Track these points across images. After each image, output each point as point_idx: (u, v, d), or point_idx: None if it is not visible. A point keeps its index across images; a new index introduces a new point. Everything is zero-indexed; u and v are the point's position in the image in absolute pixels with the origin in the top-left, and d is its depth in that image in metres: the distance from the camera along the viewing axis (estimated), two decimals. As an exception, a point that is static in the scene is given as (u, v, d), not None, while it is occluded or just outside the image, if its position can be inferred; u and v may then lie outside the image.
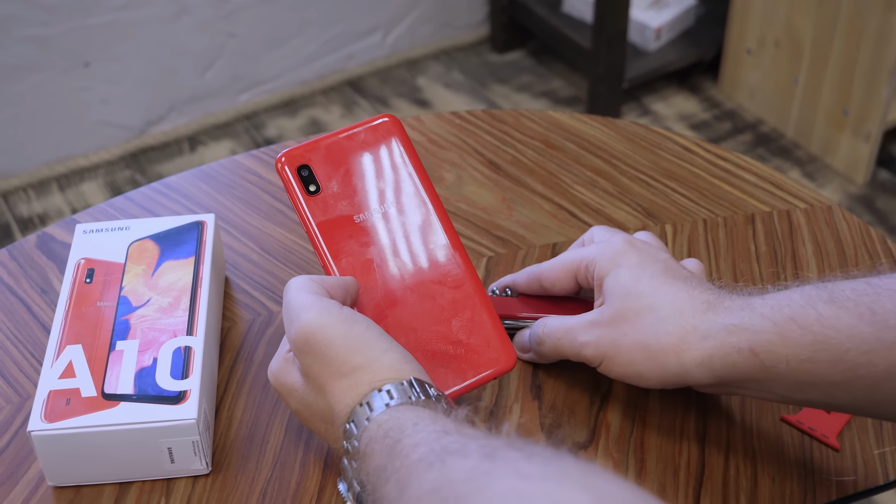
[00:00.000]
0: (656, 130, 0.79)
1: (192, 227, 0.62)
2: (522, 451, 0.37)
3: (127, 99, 1.77)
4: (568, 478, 0.35)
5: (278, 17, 1.84)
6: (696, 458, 0.54)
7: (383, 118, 0.56)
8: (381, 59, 1.99)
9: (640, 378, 0.52)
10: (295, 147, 0.55)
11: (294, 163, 0.54)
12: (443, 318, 0.54)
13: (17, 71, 1.64)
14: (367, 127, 0.56)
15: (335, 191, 0.55)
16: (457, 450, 0.39)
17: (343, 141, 0.55)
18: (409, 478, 0.39)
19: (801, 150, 1.78)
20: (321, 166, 0.55)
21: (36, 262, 0.67)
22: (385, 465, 0.41)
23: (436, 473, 0.38)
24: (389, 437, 0.42)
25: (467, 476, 0.37)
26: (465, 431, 0.41)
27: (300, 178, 0.54)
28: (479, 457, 0.38)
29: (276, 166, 0.54)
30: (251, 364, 0.60)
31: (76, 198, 1.71)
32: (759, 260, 0.66)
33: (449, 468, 0.38)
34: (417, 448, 0.40)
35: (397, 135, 0.56)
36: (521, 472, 0.36)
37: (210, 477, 0.53)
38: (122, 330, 0.56)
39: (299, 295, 0.49)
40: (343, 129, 0.56)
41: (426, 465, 0.39)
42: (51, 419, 0.51)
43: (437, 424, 0.42)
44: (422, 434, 0.41)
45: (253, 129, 1.85)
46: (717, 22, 1.90)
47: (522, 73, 1.99)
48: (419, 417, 0.43)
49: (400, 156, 0.56)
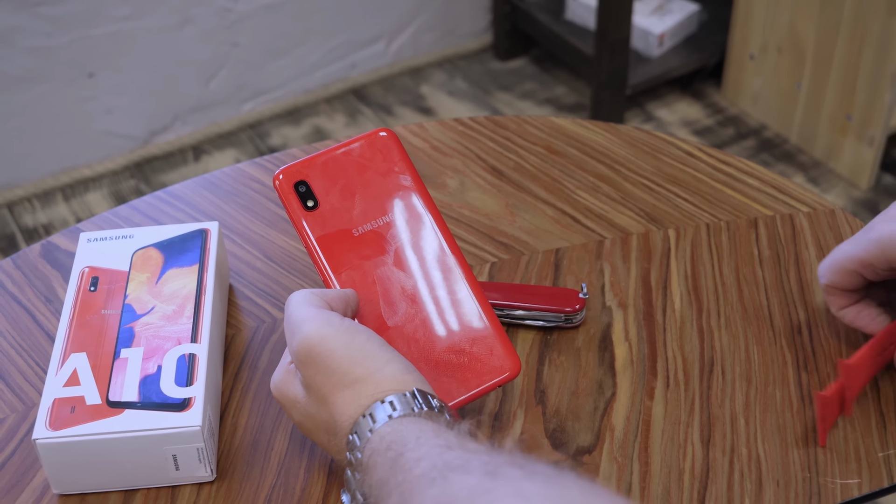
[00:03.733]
0: (659, 135, 0.79)
1: (195, 234, 0.62)
2: (524, 470, 0.38)
3: (131, 109, 1.77)
4: (568, 499, 0.36)
5: (281, 27, 1.84)
6: (701, 462, 0.54)
7: (380, 132, 0.57)
8: (385, 67, 1.99)
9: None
10: (292, 164, 0.55)
11: (291, 179, 0.55)
12: (445, 328, 0.54)
13: (22, 82, 1.65)
14: (363, 141, 0.56)
15: (333, 205, 0.55)
16: (459, 466, 0.39)
17: (340, 156, 0.56)
18: (412, 493, 0.39)
19: (805, 155, 1.78)
20: (319, 182, 0.55)
21: (40, 271, 0.67)
22: (387, 479, 0.41)
23: (438, 490, 0.38)
24: (392, 450, 0.42)
25: (469, 494, 0.37)
26: (467, 446, 0.41)
27: (298, 193, 0.55)
28: (482, 474, 0.38)
29: (274, 183, 0.55)
30: (255, 371, 0.60)
31: (81, 208, 1.71)
32: (763, 264, 0.66)
33: (451, 485, 0.38)
34: (420, 462, 0.40)
35: (394, 148, 0.56)
36: (522, 492, 0.36)
37: (215, 484, 0.54)
38: (127, 338, 0.56)
39: (300, 308, 0.49)
40: (340, 145, 0.56)
41: (428, 481, 0.39)
42: (56, 427, 0.51)
43: (439, 438, 0.42)
44: (424, 448, 0.41)
45: (257, 137, 1.86)
46: (720, 28, 1.90)
47: (526, 81, 1.99)
48: (422, 430, 0.43)
49: (397, 169, 0.56)
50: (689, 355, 0.60)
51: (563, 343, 0.61)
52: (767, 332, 0.62)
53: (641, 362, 0.60)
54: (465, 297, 0.54)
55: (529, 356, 0.60)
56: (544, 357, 0.60)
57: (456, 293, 0.55)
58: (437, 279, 0.55)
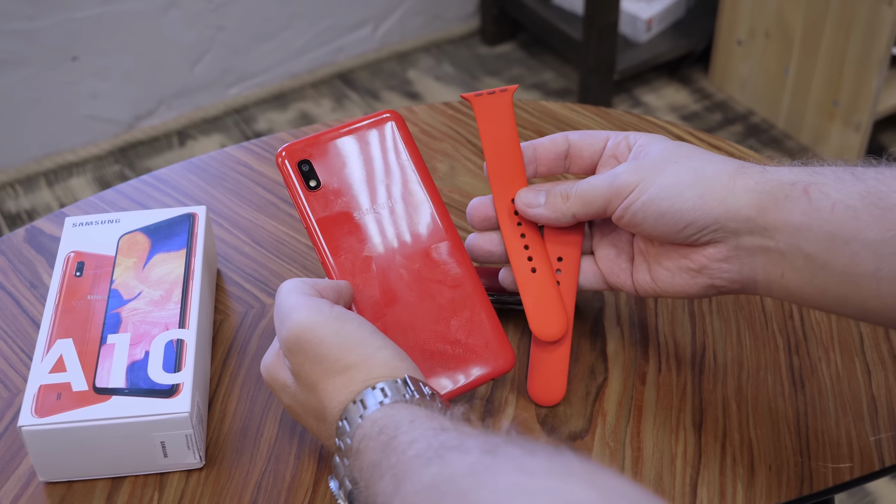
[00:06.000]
0: (649, 119, 0.78)
1: (183, 219, 0.61)
2: (524, 448, 0.37)
3: (115, 93, 1.75)
4: (572, 473, 0.35)
5: (267, 11, 1.83)
6: (693, 446, 0.54)
7: (385, 114, 0.56)
8: (372, 52, 1.98)
9: (669, 211, 0.49)
10: (296, 141, 0.54)
11: (295, 157, 0.54)
12: (441, 317, 0.53)
13: (4, 65, 1.62)
14: (369, 122, 0.55)
15: (336, 187, 0.54)
16: (455, 446, 0.38)
17: (345, 136, 0.55)
18: (406, 473, 0.39)
19: (792, 140, 1.78)
20: (322, 162, 0.54)
21: (25, 256, 0.66)
22: (380, 462, 0.41)
23: (435, 468, 0.38)
24: (384, 434, 0.42)
25: (468, 471, 0.36)
26: (462, 429, 0.41)
27: (301, 172, 0.53)
28: (480, 452, 0.37)
29: (277, 161, 0.54)
30: (244, 357, 0.59)
31: (64, 193, 1.69)
32: (754, 249, 0.66)
33: (448, 463, 0.37)
34: (414, 444, 0.40)
35: (400, 131, 0.55)
36: (524, 468, 0.35)
37: (204, 471, 0.53)
38: (114, 323, 0.55)
39: (290, 296, 0.48)
40: (345, 125, 0.55)
41: (424, 461, 0.38)
42: (41, 414, 0.50)
43: (433, 422, 0.42)
44: (418, 431, 0.41)
45: (243, 122, 1.84)
46: (708, 13, 1.89)
47: (513, 66, 1.98)
48: (415, 415, 0.43)
49: (402, 153, 0.55)
50: (680, 340, 0.60)
51: (554, 328, 0.61)
52: (759, 317, 0.61)
53: (633, 347, 0.59)
54: (463, 288, 0.54)
55: (521, 341, 0.60)
56: (536, 342, 0.60)
57: (454, 284, 0.54)
58: (436, 268, 0.54)
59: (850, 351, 0.59)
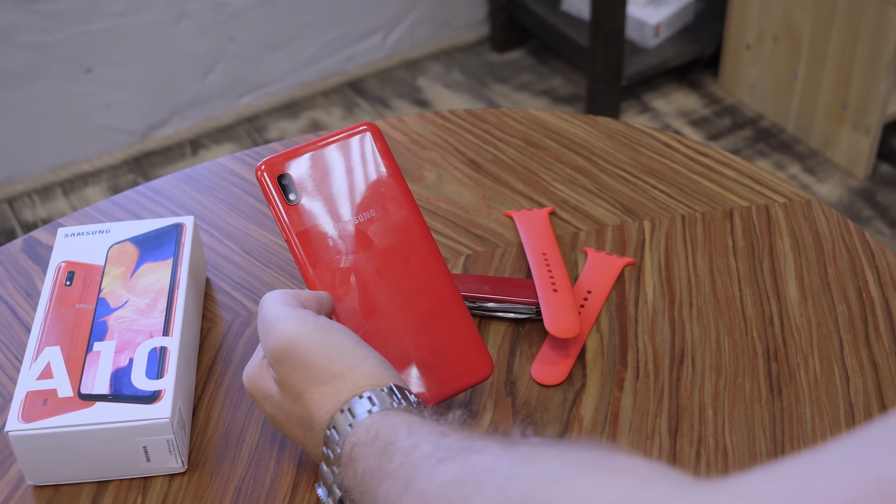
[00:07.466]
0: (637, 127, 0.79)
1: (171, 229, 0.62)
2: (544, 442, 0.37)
3: (129, 104, 1.78)
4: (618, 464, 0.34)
5: (277, 20, 1.85)
6: (668, 452, 0.55)
7: (362, 126, 0.56)
8: (381, 60, 2.00)
9: None
10: (275, 156, 0.55)
11: (274, 171, 0.54)
12: (420, 326, 0.54)
13: (20, 77, 1.66)
14: (346, 136, 0.56)
15: (315, 200, 0.55)
16: (467, 447, 0.39)
17: (323, 150, 0.56)
18: (415, 475, 0.39)
19: (802, 144, 1.77)
20: (301, 175, 0.55)
21: (21, 265, 0.68)
22: (378, 466, 0.41)
23: (451, 466, 0.38)
24: (380, 440, 0.42)
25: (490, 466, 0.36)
26: (463, 433, 0.41)
27: (280, 186, 0.54)
28: (500, 450, 0.37)
29: (256, 174, 0.54)
30: (229, 364, 0.61)
31: (80, 202, 1.72)
32: (737, 255, 0.67)
33: (467, 461, 0.37)
34: (418, 448, 0.40)
35: (377, 143, 0.56)
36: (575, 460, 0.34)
37: (186, 475, 0.54)
38: (100, 331, 0.56)
39: (275, 307, 0.49)
40: (323, 138, 0.56)
41: (435, 461, 0.39)
42: (28, 419, 0.52)
43: (430, 427, 0.42)
44: (418, 436, 0.41)
45: (254, 131, 1.86)
46: (716, 17, 1.89)
47: (522, 72, 1.99)
48: (410, 422, 0.43)
49: (380, 165, 0.56)
50: (659, 346, 0.60)
51: (534, 335, 0.61)
52: (739, 323, 0.62)
53: (612, 353, 0.60)
54: (441, 299, 0.55)
55: (501, 348, 0.61)
56: (515, 349, 0.61)
57: (433, 294, 0.55)
58: (415, 278, 0.55)
59: (829, 357, 0.60)
